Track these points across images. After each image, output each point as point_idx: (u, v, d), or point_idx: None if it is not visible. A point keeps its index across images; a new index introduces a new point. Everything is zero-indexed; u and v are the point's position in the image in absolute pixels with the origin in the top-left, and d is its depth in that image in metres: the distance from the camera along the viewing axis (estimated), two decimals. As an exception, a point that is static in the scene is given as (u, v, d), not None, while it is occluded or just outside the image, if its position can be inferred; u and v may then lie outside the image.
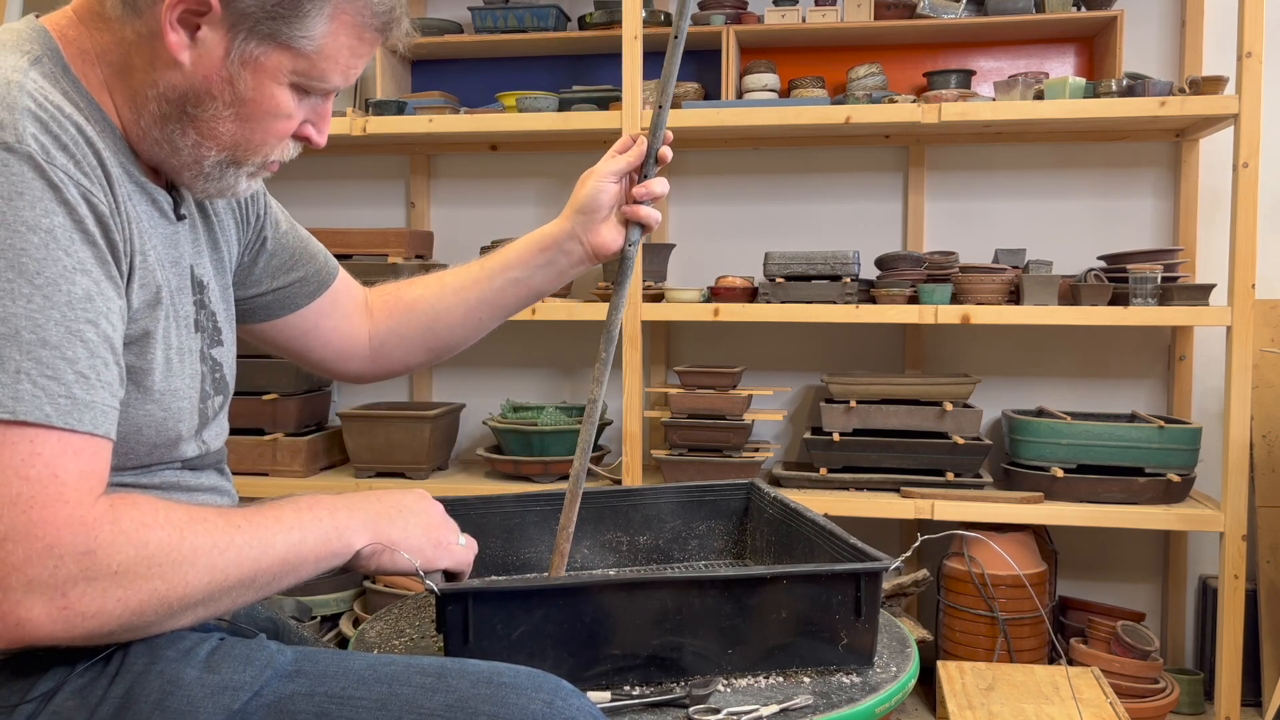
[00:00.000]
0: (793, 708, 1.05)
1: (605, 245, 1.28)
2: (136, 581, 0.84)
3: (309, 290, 1.29)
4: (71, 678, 0.91)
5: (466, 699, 0.91)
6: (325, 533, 0.98)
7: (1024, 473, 2.56)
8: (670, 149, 1.28)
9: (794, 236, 2.94)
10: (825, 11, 2.72)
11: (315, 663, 0.95)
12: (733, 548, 1.51)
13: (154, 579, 0.85)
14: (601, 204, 1.27)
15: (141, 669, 0.92)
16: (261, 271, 1.25)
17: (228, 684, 0.91)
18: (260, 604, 1.25)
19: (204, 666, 0.92)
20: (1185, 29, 2.74)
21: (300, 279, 1.28)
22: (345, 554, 1.00)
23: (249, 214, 1.21)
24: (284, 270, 1.26)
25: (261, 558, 0.92)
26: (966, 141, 2.85)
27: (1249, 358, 2.36)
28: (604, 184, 1.26)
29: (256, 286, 1.25)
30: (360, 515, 1.02)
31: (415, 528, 1.06)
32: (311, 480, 2.76)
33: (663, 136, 1.25)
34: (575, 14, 2.97)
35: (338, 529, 0.99)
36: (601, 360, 1.24)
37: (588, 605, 1.08)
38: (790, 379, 2.96)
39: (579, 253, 1.29)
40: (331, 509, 1.00)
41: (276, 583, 0.95)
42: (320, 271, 1.30)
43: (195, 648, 0.94)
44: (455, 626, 1.05)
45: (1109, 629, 2.51)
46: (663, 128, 1.25)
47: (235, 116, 0.98)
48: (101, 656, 0.92)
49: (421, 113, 2.74)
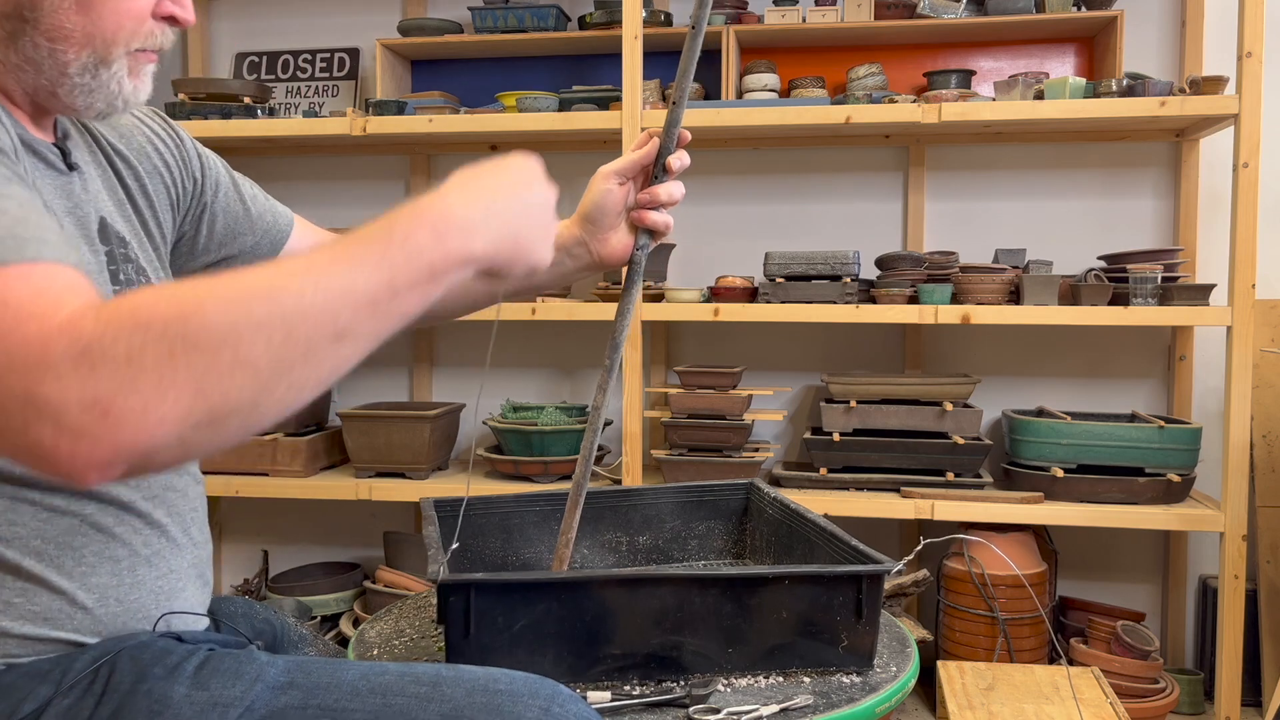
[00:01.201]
0: (793, 708, 1.05)
1: (613, 253, 1.22)
2: (162, 360, 0.67)
3: (263, 253, 1.23)
4: (56, 698, 0.89)
5: (462, 708, 0.90)
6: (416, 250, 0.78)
7: (1024, 473, 2.56)
8: (686, 152, 1.20)
9: (794, 236, 2.94)
10: (825, 11, 2.72)
11: (307, 674, 0.93)
12: (732, 548, 1.51)
13: (187, 351, 0.68)
14: (607, 209, 1.20)
15: (128, 688, 0.90)
16: (207, 239, 1.20)
17: (217, 700, 0.90)
18: (258, 604, 1.25)
19: (192, 683, 0.91)
20: (1185, 29, 2.74)
21: (254, 243, 1.22)
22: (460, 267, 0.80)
23: (183, 179, 1.17)
24: (232, 236, 1.21)
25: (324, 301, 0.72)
26: (966, 141, 2.85)
27: (1249, 358, 2.36)
28: (608, 185, 1.19)
29: (207, 255, 1.20)
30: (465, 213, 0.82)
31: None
32: (312, 480, 2.76)
33: (677, 136, 1.18)
34: (575, 14, 2.97)
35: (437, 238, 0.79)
36: (606, 367, 1.19)
37: (589, 600, 1.08)
38: (790, 379, 2.96)
39: (586, 258, 1.23)
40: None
41: (374, 320, 0.75)
42: (272, 229, 1.24)
43: (182, 663, 0.93)
44: (456, 619, 1.05)
45: (1109, 629, 2.51)
46: (676, 126, 1.17)
47: (76, 6, 0.94)
48: (88, 674, 0.91)
49: (421, 113, 2.74)
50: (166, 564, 1.03)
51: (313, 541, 3.22)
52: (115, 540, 0.99)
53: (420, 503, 1.43)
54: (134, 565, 1.00)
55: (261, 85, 2.92)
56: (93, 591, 0.96)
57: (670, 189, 1.19)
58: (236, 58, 3.19)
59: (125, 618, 0.98)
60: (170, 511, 1.05)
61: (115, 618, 0.97)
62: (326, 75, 3.14)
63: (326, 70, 3.15)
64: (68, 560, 0.95)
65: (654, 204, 1.19)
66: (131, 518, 1.00)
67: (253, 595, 3.02)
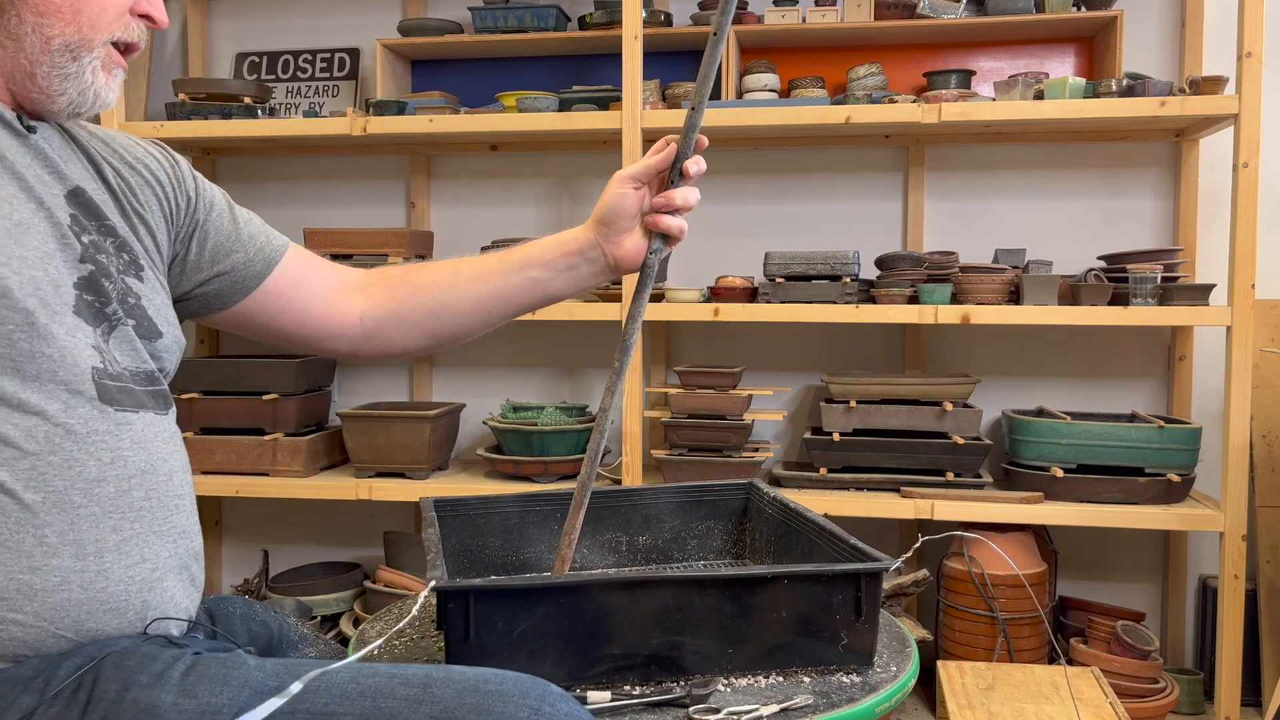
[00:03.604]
0: (793, 707, 1.05)
1: (628, 257, 1.22)
2: None
3: (256, 270, 1.24)
4: (40, 709, 0.89)
5: (452, 709, 0.89)
6: None
7: (1024, 473, 2.56)
8: (702, 159, 1.20)
9: (794, 236, 2.94)
10: (825, 11, 2.72)
11: (296, 678, 0.92)
12: (732, 548, 1.51)
13: None
14: (621, 213, 1.20)
15: (114, 697, 0.89)
16: (198, 256, 1.21)
17: (205, 708, 0.89)
18: (257, 605, 1.25)
19: (179, 691, 0.90)
20: (1185, 29, 2.74)
21: (245, 261, 1.24)
22: None
23: (176, 196, 1.19)
24: (224, 253, 1.23)
25: None
26: (966, 141, 2.85)
27: (1249, 358, 2.36)
28: (623, 189, 1.20)
29: (199, 273, 1.22)
30: None
31: None
32: (311, 480, 2.76)
33: (694, 142, 1.17)
34: (575, 14, 2.97)
35: None
36: (615, 370, 1.18)
37: (589, 603, 1.08)
38: (790, 379, 2.96)
39: (601, 262, 1.24)
40: None
41: None
42: (265, 249, 1.26)
43: (168, 670, 0.92)
44: (456, 624, 1.05)
45: (1109, 629, 2.51)
46: (694, 131, 1.16)
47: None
48: (71, 682, 0.90)
49: (422, 113, 2.74)
50: (139, 553, 1.00)
51: (313, 541, 3.22)
52: (80, 524, 0.96)
53: (420, 503, 1.43)
54: (100, 553, 0.97)
55: (262, 85, 2.92)
56: (53, 575, 0.94)
57: (685, 194, 1.20)
58: (237, 58, 3.19)
59: (91, 606, 0.96)
60: (150, 496, 1.02)
61: (80, 605, 0.95)
62: (327, 75, 3.15)
63: (327, 70, 3.15)
64: (28, 540, 0.93)
65: (669, 208, 1.20)
66: (100, 500, 0.98)
67: (253, 595, 3.02)
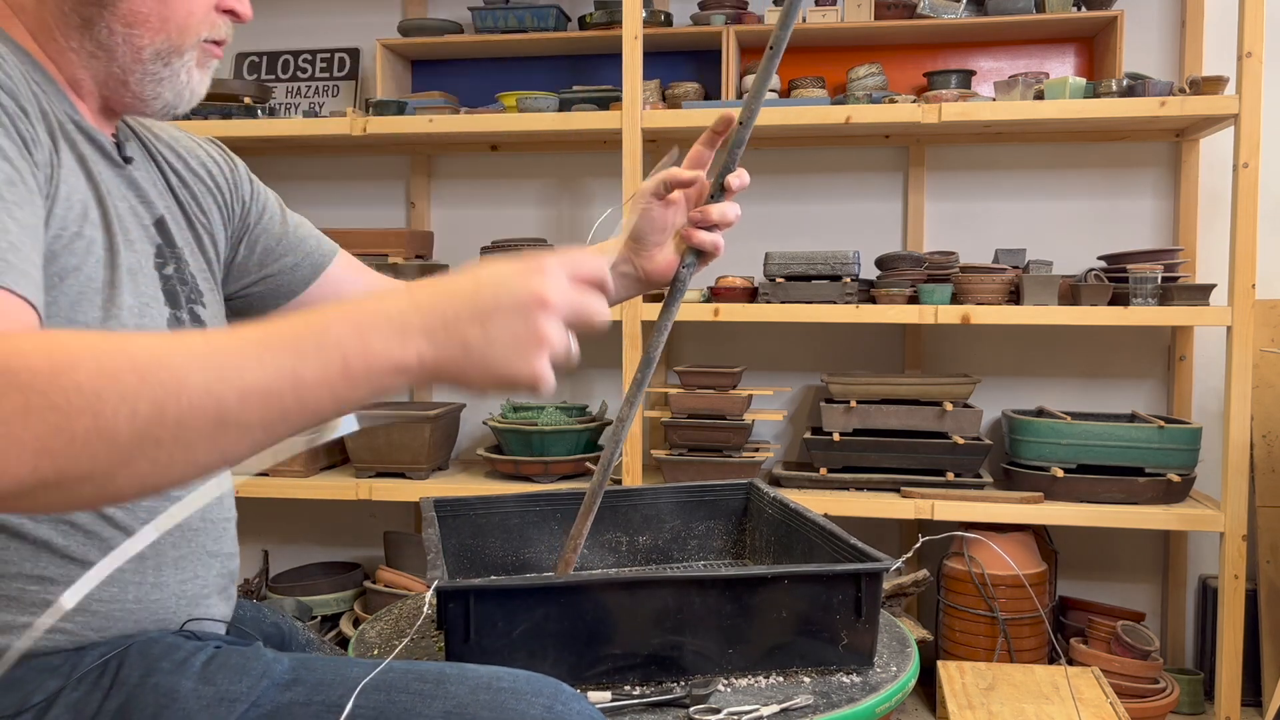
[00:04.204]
0: (793, 707, 1.05)
1: (659, 271, 1.20)
2: (15, 413, 0.62)
3: (303, 275, 1.25)
4: (65, 691, 0.90)
5: (465, 705, 0.90)
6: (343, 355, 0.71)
7: (1024, 473, 2.56)
8: (746, 172, 1.13)
9: (794, 236, 2.94)
10: (825, 11, 2.72)
11: (312, 671, 0.94)
12: (732, 548, 1.51)
13: (43, 410, 0.63)
14: (646, 227, 1.18)
15: (137, 681, 0.91)
16: (246, 258, 1.22)
17: (224, 695, 0.90)
18: (266, 608, 1.25)
19: (199, 678, 0.91)
20: (1185, 29, 2.74)
21: (293, 264, 1.24)
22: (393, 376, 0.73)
23: (233, 200, 1.19)
24: (273, 256, 1.23)
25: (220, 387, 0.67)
26: (966, 141, 2.85)
27: (1249, 358, 2.36)
28: (645, 203, 1.17)
29: (246, 276, 1.22)
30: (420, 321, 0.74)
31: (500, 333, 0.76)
32: (312, 480, 2.76)
33: (739, 156, 1.10)
34: (575, 14, 2.97)
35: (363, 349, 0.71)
36: (637, 380, 1.15)
37: (589, 604, 1.08)
38: (790, 379, 2.96)
39: (633, 276, 1.22)
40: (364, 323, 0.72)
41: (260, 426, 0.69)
42: (313, 254, 1.26)
43: (190, 658, 0.93)
44: (456, 624, 1.05)
45: (1109, 629, 2.51)
46: (741, 146, 1.09)
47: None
48: (96, 667, 0.92)
49: (422, 113, 2.74)
50: (192, 569, 1.03)
51: (313, 541, 3.22)
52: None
53: (420, 503, 1.43)
54: (159, 566, 0.99)
55: (262, 85, 2.92)
56: (112, 585, 0.96)
57: (724, 209, 1.14)
58: (237, 58, 3.19)
59: (140, 615, 0.97)
60: (205, 518, 1.05)
61: (130, 614, 0.97)
62: (327, 75, 3.15)
63: (327, 70, 3.15)
64: (93, 553, 0.94)
65: (705, 223, 1.14)
66: None
67: (253, 595, 3.02)
